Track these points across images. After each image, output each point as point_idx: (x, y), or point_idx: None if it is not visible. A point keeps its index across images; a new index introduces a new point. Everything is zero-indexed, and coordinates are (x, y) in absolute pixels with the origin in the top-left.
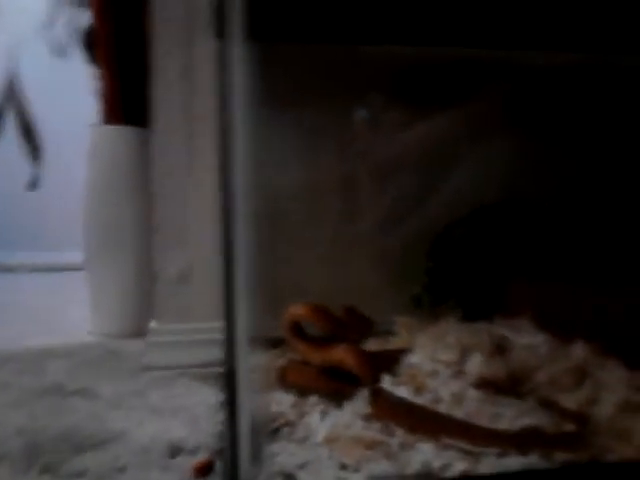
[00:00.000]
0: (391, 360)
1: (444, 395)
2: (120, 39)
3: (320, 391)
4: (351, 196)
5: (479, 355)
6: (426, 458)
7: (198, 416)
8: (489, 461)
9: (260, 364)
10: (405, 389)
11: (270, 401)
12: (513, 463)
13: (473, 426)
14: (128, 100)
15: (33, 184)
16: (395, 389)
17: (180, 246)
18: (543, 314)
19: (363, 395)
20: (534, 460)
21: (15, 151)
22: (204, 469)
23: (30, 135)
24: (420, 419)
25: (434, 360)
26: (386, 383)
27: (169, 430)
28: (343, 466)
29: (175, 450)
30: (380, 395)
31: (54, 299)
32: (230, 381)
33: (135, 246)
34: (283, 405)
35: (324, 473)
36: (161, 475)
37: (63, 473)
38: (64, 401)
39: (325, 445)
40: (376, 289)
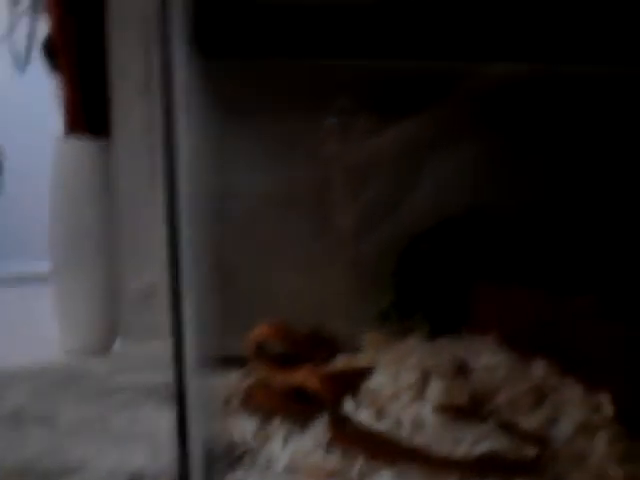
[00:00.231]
0: (355, 380)
1: (405, 419)
2: (81, 48)
3: (284, 413)
4: (320, 207)
5: (440, 379)
6: None
7: (162, 442)
8: None
9: (224, 385)
10: (367, 412)
11: (232, 425)
12: None
13: (432, 453)
14: (90, 110)
15: None
16: (357, 412)
17: (145, 263)
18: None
19: (324, 420)
20: None
21: None
22: None
23: None
24: (379, 446)
25: (395, 383)
26: (348, 406)
27: (130, 459)
28: None
29: (135, 478)
30: (339, 421)
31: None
32: (180, 406)
33: (101, 261)
34: (245, 429)
35: None
36: None
37: None
38: (23, 430)
39: (286, 474)
40: (347, 300)
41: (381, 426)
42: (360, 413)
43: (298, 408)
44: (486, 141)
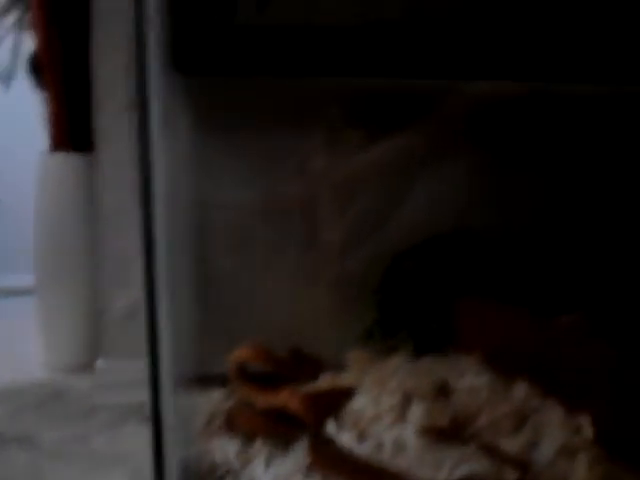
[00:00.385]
0: (337, 401)
1: (386, 442)
2: (66, 65)
3: (266, 435)
4: (305, 224)
5: (421, 401)
6: None
7: (141, 461)
8: None
9: (206, 405)
10: (348, 435)
11: (214, 446)
12: None
13: (412, 478)
14: (75, 126)
15: None
16: (338, 434)
17: (127, 281)
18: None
19: (304, 444)
20: None
21: None
22: None
23: None
24: (359, 470)
25: (377, 405)
26: (330, 428)
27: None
28: None
29: None
30: (319, 445)
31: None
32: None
33: (84, 277)
34: (227, 451)
35: None
36: None
37: None
38: (2, 452)
39: None
40: (331, 318)
41: (363, 448)
42: (342, 435)
43: (280, 430)
44: (474, 159)
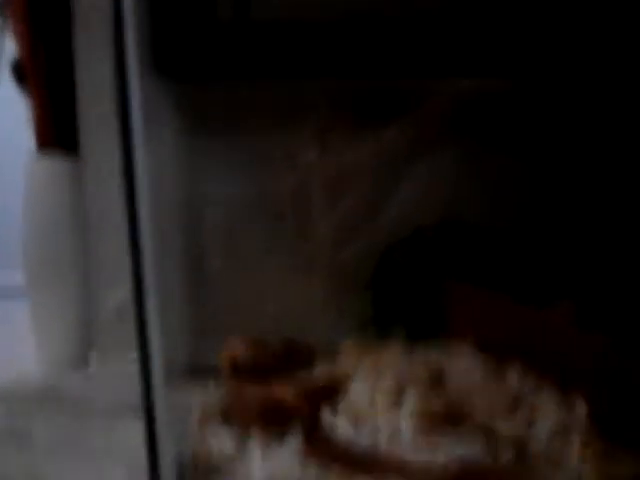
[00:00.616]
0: (332, 392)
1: (382, 428)
2: (50, 71)
3: (261, 428)
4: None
5: (415, 387)
6: None
7: (137, 458)
8: None
9: (199, 398)
10: (344, 422)
11: (208, 440)
12: None
13: (409, 464)
14: (61, 130)
15: None
16: (334, 423)
17: (119, 279)
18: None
19: (299, 435)
20: None
21: None
22: None
23: None
24: (354, 460)
25: (372, 392)
26: (325, 417)
27: (107, 477)
28: None
29: None
30: (314, 436)
31: None
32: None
33: (74, 277)
34: (222, 444)
35: None
36: None
37: None
38: None
39: None
40: (324, 311)
41: (359, 436)
42: (338, 424)
43: (275, 422)
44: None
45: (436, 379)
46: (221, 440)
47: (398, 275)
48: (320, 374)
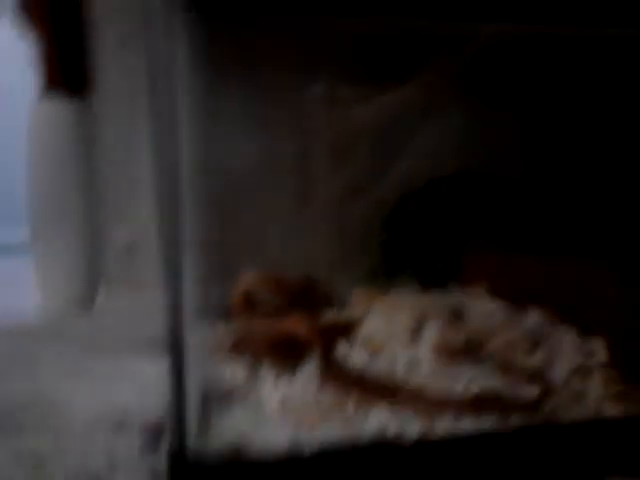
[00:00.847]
0: (346, 330)
1: (400, 360)
2: (55, 6)
3: (272, 361)
4: (308, 169)
5: (436, 321)
6: (381, 423)
7: (146, 387)
8: (444, 425)
9: (210, 334)
10: (361, 355)
11: (220, 370)
12: (468, 426)
13: (426, 392)
14: (67, 67)
15: None
16: (350, 356)
17: (127, 217)
18: (497, 283)
19: (315, 364)
20: (490, 423)
21: None
22: (154, 433)
23: None
24: (371, 386)
25: (390, 325)
26: (341, 349)
27: (116, 400)
28: (297, 432)
29: (122, 417)
30: (332, 363)
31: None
32: (176, 349)
33: (82, 219)
34: (234, 374)
35: (278, 439)
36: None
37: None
38: (7, 374)
39: (278, 412)
40: (333, 263)
41: (375, 368)
42: (354, 356)
43: (287, 354)
44: (477, 105)
45: (455, 316)
46: (233, 370)
47: (411, 224)
48: (332, 316)
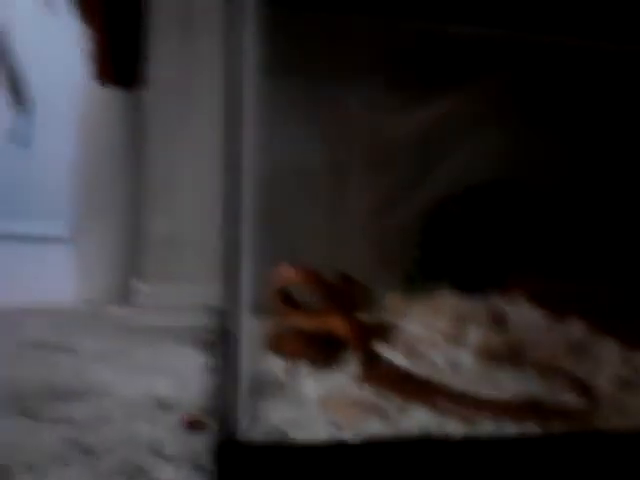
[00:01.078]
0: (384, 330)
1: (439, 362)
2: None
3: (310, 358)
4: (349, 174)
5: (478, 325)
6: (423, 421)
7: (184, 375)
8: (485, 427)
9: (250, 329)
10: (399, 356)
11: (263, 364)
12: (510, 430)
13: (466, 394)
14: (118, 58)
15: (23, 140)
16: (389, 355)
17: (168, 210)
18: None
19: (355, 361)
20: (531, 429)
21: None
22: (195, 424)
23: (19, 91)
24: (413, 386)
25: (430, 328)
26: (381, 349)
27: (155, 386)
28: (338, 425)
29: (161, 405)
30: (372, 361)
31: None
32: (231, 342)
33: (125, 210)
34: (276, 368)
35: (319, 432)
36: (147, 427)
37: (45, 418)
38: (46, 355)
39: (320, 405)
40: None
41: (414, 369)
42: (392, 356)
43: (325, 353)
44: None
45: (497, 321)
46: (274, 364)
47: (450, 226)
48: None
